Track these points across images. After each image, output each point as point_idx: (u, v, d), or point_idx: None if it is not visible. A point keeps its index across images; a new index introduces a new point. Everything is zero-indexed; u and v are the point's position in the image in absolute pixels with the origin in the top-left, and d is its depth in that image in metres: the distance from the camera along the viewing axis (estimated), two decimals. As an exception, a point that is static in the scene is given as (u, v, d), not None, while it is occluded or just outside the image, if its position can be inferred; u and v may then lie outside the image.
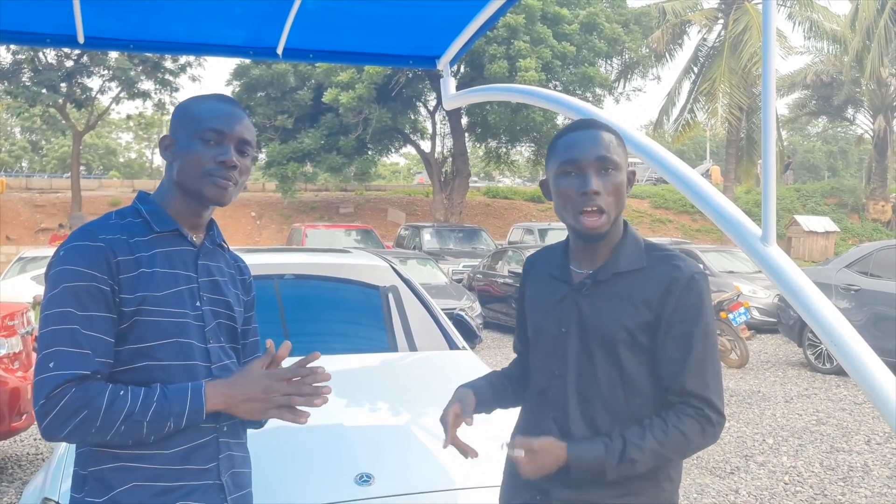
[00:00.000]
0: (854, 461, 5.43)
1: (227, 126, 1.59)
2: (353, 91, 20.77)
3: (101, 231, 1.53)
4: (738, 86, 23.37)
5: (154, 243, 1.57)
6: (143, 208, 1.61)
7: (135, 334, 1.51)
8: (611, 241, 1.66)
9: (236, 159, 1.59)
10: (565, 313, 1.66)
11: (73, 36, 2.87)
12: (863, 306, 8.25)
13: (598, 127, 1.64)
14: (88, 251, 1.49)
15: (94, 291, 1.47)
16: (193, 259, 1.63)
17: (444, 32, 3.05)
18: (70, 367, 1.42)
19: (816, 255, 24.52)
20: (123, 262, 1.51)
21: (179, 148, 1.59)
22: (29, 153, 55.22)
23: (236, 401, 1.52)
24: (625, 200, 1.63)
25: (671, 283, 1.59)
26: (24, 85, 23.64)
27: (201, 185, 1.57)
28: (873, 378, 1.60)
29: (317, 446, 2.40)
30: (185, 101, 1.69)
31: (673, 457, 1.60)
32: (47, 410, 1.41)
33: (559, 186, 1.63)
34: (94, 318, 1.47)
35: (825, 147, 57.12)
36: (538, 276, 1.79)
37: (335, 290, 4.09)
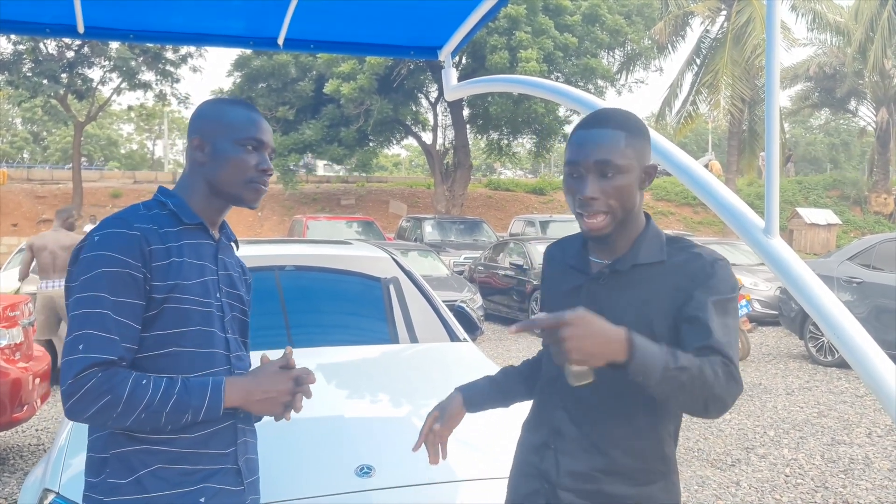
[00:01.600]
0: (855, 454, 5.43)
1: (264, 135, 1.71)
2: (355, 82, 20.74)
3: (135, 220, 1.59)
4: (741, 78, 23.30)
5: (182, 234, 1.65)
6: (169, 202, 1.67)
7: (162, 321, 1.57)
8: (630, 234, 1.62)
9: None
10: (581, 302, 1.61)
11: (73, 25, 2.85)
12: (865, 299, 8.24)
13: (608, 124, 1.57)
14: (123, 238, 1.55)
15: (127, 278, 1.53)
16: (214, 253, 1.72)
17: (446, 23, 3.03)
18: (98, 350, 1.48)
19: (818, 247, 24.49)
20: (156, 251, 1.57)
21: (218, 152, 1.67)
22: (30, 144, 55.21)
23: (254, 398, 1.59)
24: (634, 199, 1.57)
25: (694, 271, 1.56)
26: (25, 75, 23.62)
27: (243, 190, 1.69)
28: (876, 370, 1.59)
29: (317, 438, 2.40)
30: (211, 104, 1.76)
31: (703, 387, 1.43)
32: (73, 391, 1.46)
33: (566, 185, 1.62)
34: (125, 305, 1.52)
35: (827, 139, 57.00)
36: (556, 266, 1.78)
37: (336, 281, 4.09)
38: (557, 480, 1.62)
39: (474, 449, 2.44)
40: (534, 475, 1.68)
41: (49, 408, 6.59)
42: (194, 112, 1.79)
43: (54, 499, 2.17)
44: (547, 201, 31.15)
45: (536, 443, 1.70)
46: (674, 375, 1.39)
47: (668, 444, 1.64)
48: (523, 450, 1.75)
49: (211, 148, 1.68)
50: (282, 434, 2.33)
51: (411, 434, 2.54)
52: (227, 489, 1.62)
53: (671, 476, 1.64)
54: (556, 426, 1.65)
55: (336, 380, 3.02)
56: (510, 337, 11.09)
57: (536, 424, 1.72)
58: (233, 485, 1.63)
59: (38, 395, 5.17)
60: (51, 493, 2.20)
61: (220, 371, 1.64)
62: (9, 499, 4.51)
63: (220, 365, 1.65)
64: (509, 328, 1.43)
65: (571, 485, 1.61)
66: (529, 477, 1.69)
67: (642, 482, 1.59)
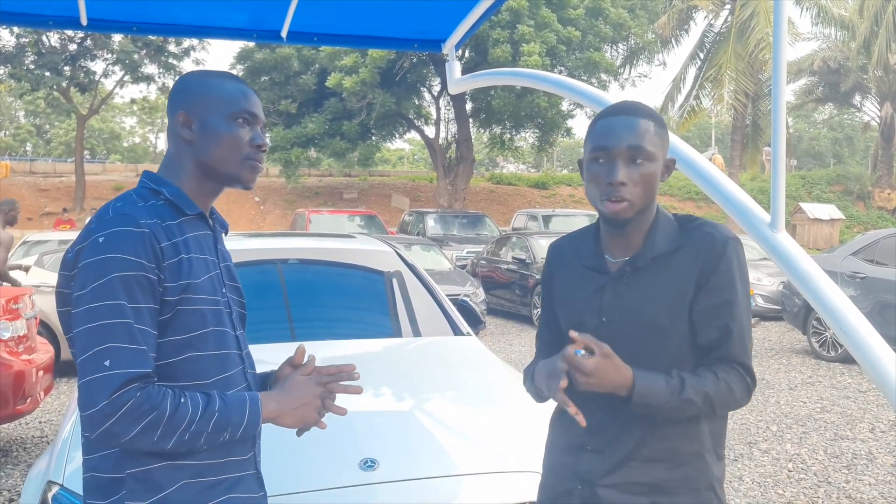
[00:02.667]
0: (858, 449, 5.43)
1: (258, 109, 1.57)
2: (357, 75, 20.72)
3: (139, 215, 1.43)
4: (745, 72, 23.26)
5: (184, 227, 1.51)
6: (163, 190, 1.52)
7: (176, 325, 1.43)
8: (642, 227, 1.63)
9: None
10: (606, 303, 1.63)
11: (76, 17, 2.85)
12: (868, 294, 8.22)
13: (637, 113, 1.59)
14: (134, 238, 1.40)
15: (143, 281, 1.39)
16: (213, 243, 1.60)
17: (450, 16, 3.02)
18: (130, 364, 1.34)
19: (821, 242, 24.48)
20: (166, 249, 1.43)
21: (208, 128, 1.52)
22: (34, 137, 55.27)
23: (289, 409, 1.52)
24: (656, 189, 1.59)
25: (708, 252, 1.58)
26: (28, 68, 23.63)
27: (239, 168, 1.54)
28: (882, 365, 1.58)
29: (321, 432, 2.39)
30: (196, 76, 1.60)
31: (718, 408, 1.58)
32: (110, 412, 1.32)
33: (590, 171, 1.61)
34: (144, 311, 1.38)
35: (831, 134, 56.90)
36: (568, 267, 1.75)
37: (339, 275, 4.08)
38: (596, 479, 1.62)
39: (478, 443, 2.44)
40: (569, 476, 1.67)
41: (52, 400, 6.61)
42: (176, 85, 1.61)
43: (58, 491, 2.17)
44: (549, 196, 31.14)
45: (571, 444, 1.69)
46: (678, 407, 1.53)
47: (697, 426, 1.63)
48: (555, 451, 1.74)
49: (199, 124, 1.53)
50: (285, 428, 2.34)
51: (415, 428, 2.55)
52: (251, 497, 1.56)
53: (705, 456, 1.63)
54: (592, 427, 1.61)
55: (339, 373, 3.02)
56: (512, 331, 11.09)
57: (569, 426, 1.67)
58: (255, 491, 1.57)
59: (42, 388, 5.18)
60: (55, 485, 2.20)
61: (236, 373, 1.55)
62: (12, 491, 4.52)
63: (235, 366, 1.55)
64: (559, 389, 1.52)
65: (609, 480, 1.61)
66: (563, 478, 1.69)
67: (676, 464, 1.60)
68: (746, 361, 1.59)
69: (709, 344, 1.59)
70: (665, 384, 1.52)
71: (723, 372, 1.57)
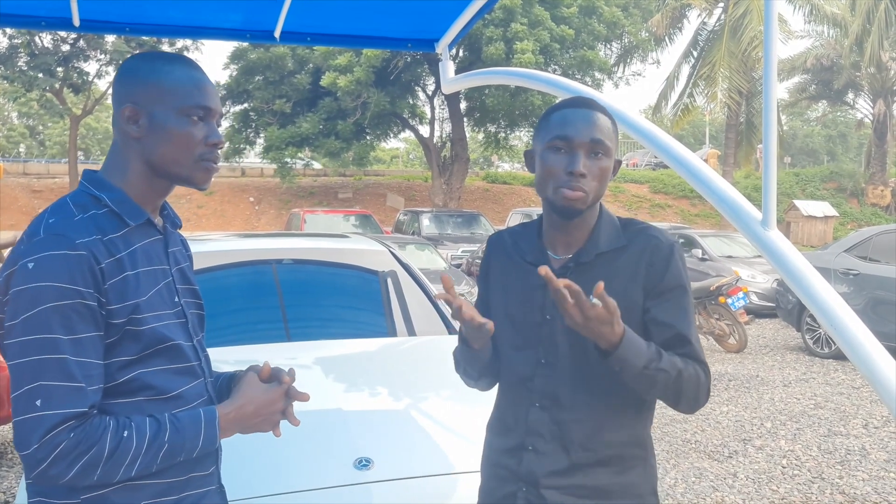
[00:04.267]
0: (852, 445, 5.45)
1: (212, 101, 1.41)
2: (352, 75, 20.69)
3: (75, 233, 1.29)
4: (738, 70, 23.30)
5: (130, 239, 1.37)
6: (104, 196, 1.37)
7: (124, 347, 1.33)
8: (587, 224, 1.63)
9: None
10: (549, 300, 1.61)
11: (69, 18, 2.84)
12: (862, 291, 8.26)
13: (596, 108, 1.60)
14: (69, 262, 1.26)
15: (81, 309, 1.26)
16: (164, 249, 1.47)
17: (443, 15, 3.03)
18: (63, 405, 1.23)
19: (815, 239, 24.54)
20: (107, 268, 1.30)
21: (158, 124, 1.37)
22: (27, 138, 55.08)
23: (248, 423, 1.44)
24: (607, 185, 1.62)
25: (653, 255, 1.59)
26: (21, 69, 23.54)
27: (192, 170, 1.41)
28: (873, 362, 1.59)
29: (316, 431, 2.40)
30: (144, 61, 1.42)
31: (685, 388, 1.54)
32: (42, 456, 1.23)
33: (546, 161, 1.58)
34: (84, 342, 1.27)
35: (824, 131, 57.05)
36: (508, 261, 1.73)
37: (334, 274, 4.09)
38: (539, 480, 1.61)
39: (471, 442, 2.44)
40: (510, 478, 1.65)
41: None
42: (122, 71, 1.42)
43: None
44: (544, 194, 31.08)
45: (510, 445, 1.67)
46: (651, 374, 1.49)
47: (645, 428, 1.66)
48: (494, 453, 1.72)
49: (147, 119, 1.38)
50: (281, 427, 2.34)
51: (410, 427, 2.55)
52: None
53: (649, 459, 1.66)
54: (534, 427, 1.62)
55: (334, 373, 3.03)
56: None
57: (508, 427, 1.68)
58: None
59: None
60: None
61: (195, 385, 1.45)
62: (7, 493, 4.51)
63: (194, 378, 1.45)
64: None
65: (554, 482, 1.60)
66: (504, 480, 1.67)
67: (622, 469, 1.61)
68: (702, 358, 1.59)
69: (663, 343, 1.57)
70: (646, 347, 1.50)
71: (689, 363, 1.56)
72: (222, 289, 3.81)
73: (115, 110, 1.41)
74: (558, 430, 1.60)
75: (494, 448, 1.73)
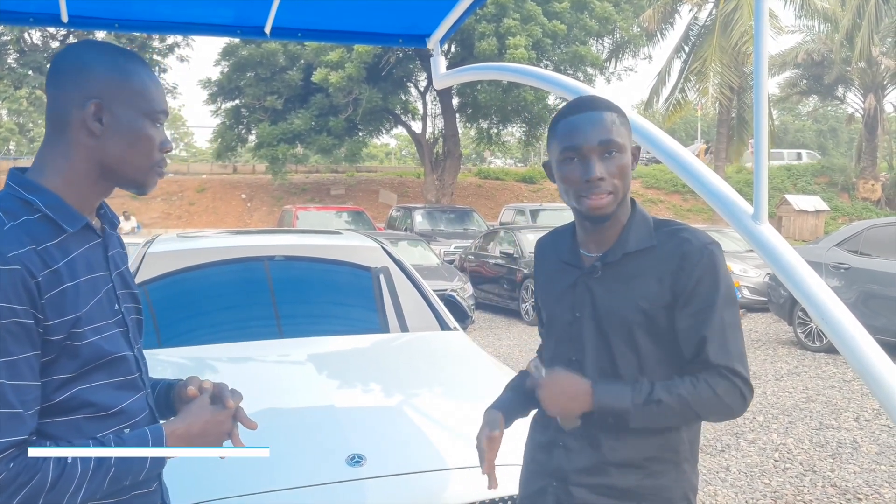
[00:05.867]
0: (843, 438, 5.48)
1: (167, 106, 1.38)
2: (343, 71, 20.67)
3: (7, 245, 1.17)
4: (729, 65, 23.34)
5: (67, 247, 1.26)
6: (37, 200, 1.25)
7: (63, 363, 1.23)
8: (618, 222, 1.62)
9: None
10: (578, 298, 1.63)
11: (57, 14, 2.82)
12: (853, 284, 8.29)
13: (598, 107, 1.58)
14: (0, 278, 1.15)
15: (15, 329, 1.16)
16: (103, 254, 1.36)
17: (434, 10, 3.01)
18: (1, 433, 1.14)
19: (807, 234, 24.63)
20: (43, 282, 1.19)
21: (122, 124, 1.30)
22: (16, 135, 54.75)
23: (194, 442, 1.35)
24: (630, 178, 1.59)
25: (683, 258, 1.55)
26: (10, 66, 23.41)
27: (146, 176, 1.35)
28: (864, 355, 1.60)
29: (308, 427, 2.40)
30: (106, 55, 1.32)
31: (701, 411, 1.54)
32: None
33: (562, 172, 1.58)
34: (19, 363, 1.16)
35: (815, 126, 57.25)
36: (549, 261, 1.76)
37: (326, 271, 4.08)
38: (568, 477, 1.62)
39: (465, 437, 2.44)
40: (542, 473, 1.68)
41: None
42: (78, 61, 1.31)
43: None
44: (537, 190, 31.16)
45: (544, 441, 1.69)
46: (649, 410, 1.51)
47: (679, 433, 1.62)
48: (531, 448, 1.75)
49: (111, 118, 1.29)
50: (272, 423, 2.33)
51: (402, 423, 2.55)
52: None
53: (683, 465, 1.63)
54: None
55: (327, 369, 3.02)
56: (500, 326, 11.11)
57: (544, 423, 1.71)
58: None
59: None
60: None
61: (137, 399, 1.36)
62: None
63: (135, 392, 1.36)
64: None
65: (583, 480, 1.60)
66: (537, 475, 1.69)
67: (652, 473, 1.59)
68: (733, 365, 1.53)
69: (691, 351, 1.56)
70: (630, 389, 1.52)
71: (708, 376, 1.53)
72: (214, 286, 3.80)
73: (67, 103, 1.29)
74: (586, 428, 1.60)
75: (533, 442, 1.76)
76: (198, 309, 3.62)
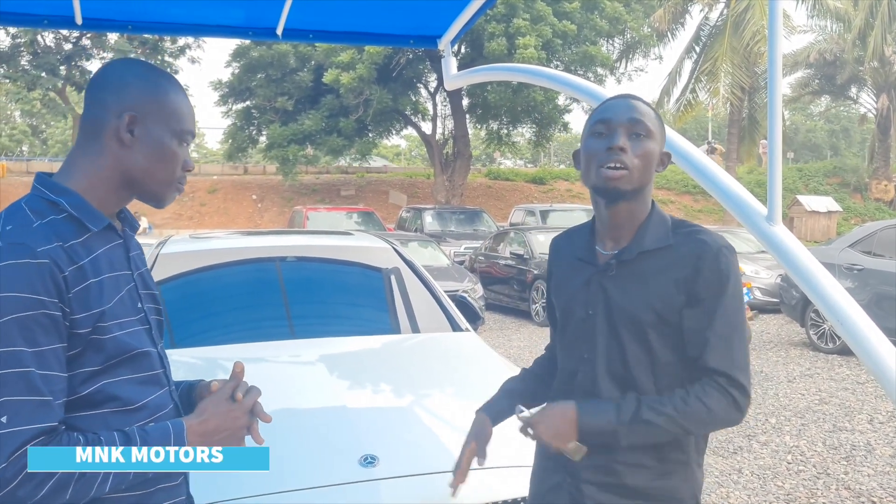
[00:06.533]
0: (857, 440, 5.44)
1: (195, 128, 1.47)
2: (354, 72, 20.70)
3: (35, 241, 1.24)
4: (740, 65, 23.26)
5: (91, 245, 1.32)
6: (62, 201, 1.32)
7: (89, 356, 1.28)
8: (636, 219, 1.62)
9: None
10: (592, 295, 1.63)
11: (71, 17, 2.84)
12: (866, 286, 8.24)
13: (635, 98, 1.64)
14: (30, 271, 1.21)
15: (44, 321, 1.21)
16: (125, 254, 1.43)
17: (445, 12, 3.02)
18: (31, 420, 1.19)
19: (819, 235, 24.50)
20: (70, 277, 1.25)
21: (153, 139, 1.37)
22: (29, 137, 55.16)
23: (214, 439, 1.38)
24: (652, 171, 1.59)
25: (698, 259, 1.55)
26: (24, 68, 23.59)
27: (167, 190, 1.42)
28: (880, 357, 1.59)
29: (321, 428, 2.41)
30: (143, 71, 1.43)
31: (693, 427, 1.55)
32: (10, 476, 1.17)
33: (588, 146, 1.61)
34: (48, 354, 1.22)
35: (828, 126, 56.96)
36: (564, 259, 1.76)
37: (337, 272, 4.08)
38: (580, 474, 1.62)
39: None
40: (556, 469, 1.68)
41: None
42: (119, 77, 1.40)
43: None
44: (547, 191, 31.13)
45: None
46: (636, 430, 1.52)
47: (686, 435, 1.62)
48: (543, 446, 1.75)
49: (143, 131, 1.36)
50: (286, 424, 2.34)
51: (414, 423, 2.55)
52: None
53: (691, 465, 1.63)
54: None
55: (338, 370, 3.03)
56: (511, 326, 11.10)
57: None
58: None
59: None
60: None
61: (161, 394, 1.42)
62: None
63: (159, 388, 1.41)
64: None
65: (593, 478, 1.61)
66: (552, 472, 1.70)
67: (662, 472, 1.59)
68: (730, 372, 1.53)
69: (693, 350, 1.56)
70: (615, 410, 1.52)
71: (699, 389, 1.53)
72: (227, 286, 3.82)
73: (104, 112, 1.36)
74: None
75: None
76: (210, 309, 3.63)
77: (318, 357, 3.11)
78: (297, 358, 3.15)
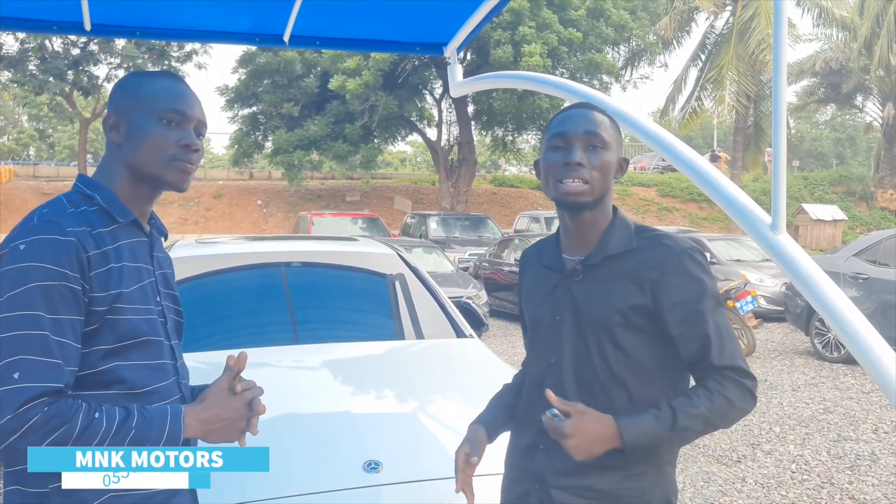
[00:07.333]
0: (861, 450, 5.42)
1: (188, 107, 1.51)
2: (360, 78, 20.76)
3: (67, 222, 1.38)
4: (746, 73, 23.25)
5: (117, 235, 1.45)
6: (96, 195, 1.47)
7: (103, 335, 1.38)
8: (599, 226, 1.65)
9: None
10: (559, 301, 1.66)
11: (80, 23, 2.86)
12: (871, 295, 8.21)
13: (591, 107, 1.66)
14: (57, 246, 1.34)
15: (65, 292, 1.33)
16: (149, 251, 1.55)
17: (451, 19, 3.03)
18: (41, 379, 1.28)
19: (824, 243, 24.44)
20: (94, 258, 1.38)
21: (134, 129, 1.48)
22: (36, 141, 55.36)
23: (211, 427, 1.44)
24: (610, 180, 1.63)
25: (663, 264, 1.59)
26: (31, 73, 23.69)
27: (164, 169, 1.49)
28: (883, 367, 1.59)
29: (324, 434, 2.41)
30: (130, 77, 1.58)
31: (719, 423, 1.58)
32: (13, 428, 1.26)
33: (546, 160, 1.64)
34: (64, 323, 1.33)
35: (833, 135, 56.86)
36: (532, 268, 1.80)
37: (342, 277, 4.09)
38: (548, 479, 1.63)
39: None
40: (524, 477, 1.69)
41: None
42: (112, 89, 1.57)
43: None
44: (552, 197, 31.07)
45: (525, 444, 1.71)
46: (676, 437, 1.54)
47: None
48: (513, 453, 1.77)
49: (126, 126, 1.49)
50: (289, 429, 2.34)
51: (418, 429, 2.56)
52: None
53: (664, 468, 1.64)
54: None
55: (342, 376, 3.03)
56: (515, 333, 11.09)
57: (524, 426, 1.73)
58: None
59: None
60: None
61: (169, 384, 1.49)
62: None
63: (168, 377, 1.49)
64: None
65: (562, 482, 1.61)
66: (519, 480, 1.71)
67: (632, 475, 1.60)
68: (736, 364, 1.57)
69: (691, 357, 1.59)
70: (654, 420, 1.52)
71: (716, 384, 1.56)
72: (232, 291, 3.83)
73: (104, 125, 1.54)
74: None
75: (513, 446, 1.78)
76: (216, 314, 3.64)
77: (322, 362, 3.11)
78: (302, 363, 3.15)
